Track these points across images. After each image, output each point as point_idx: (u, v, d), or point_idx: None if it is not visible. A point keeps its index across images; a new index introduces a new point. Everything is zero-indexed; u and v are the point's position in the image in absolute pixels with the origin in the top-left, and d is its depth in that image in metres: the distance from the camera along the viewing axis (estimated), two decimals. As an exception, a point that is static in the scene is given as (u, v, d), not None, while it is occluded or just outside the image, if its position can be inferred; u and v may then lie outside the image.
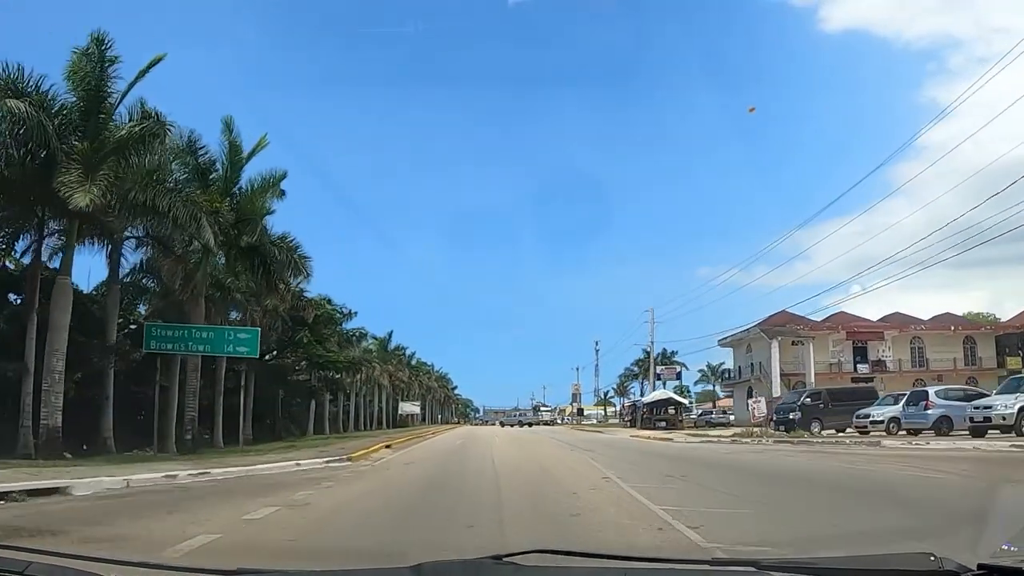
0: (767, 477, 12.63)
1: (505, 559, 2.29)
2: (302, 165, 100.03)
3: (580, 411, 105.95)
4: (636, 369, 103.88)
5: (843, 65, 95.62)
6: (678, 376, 61.94)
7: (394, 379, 66.54)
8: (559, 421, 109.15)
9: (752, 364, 52.97)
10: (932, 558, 2.03)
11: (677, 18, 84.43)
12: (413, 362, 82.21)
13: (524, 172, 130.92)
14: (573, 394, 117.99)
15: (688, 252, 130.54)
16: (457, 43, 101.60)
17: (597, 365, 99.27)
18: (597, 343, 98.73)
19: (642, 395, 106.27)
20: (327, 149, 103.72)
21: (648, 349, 56.82)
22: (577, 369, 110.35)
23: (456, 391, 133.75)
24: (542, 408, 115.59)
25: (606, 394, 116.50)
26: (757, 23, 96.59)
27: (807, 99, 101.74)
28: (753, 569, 2.15)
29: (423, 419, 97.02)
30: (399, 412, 70.27)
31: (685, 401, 49.97)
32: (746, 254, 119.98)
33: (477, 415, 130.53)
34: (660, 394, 48.70)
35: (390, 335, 66.76)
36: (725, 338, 56.16)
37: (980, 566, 2.01)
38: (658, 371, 58.33)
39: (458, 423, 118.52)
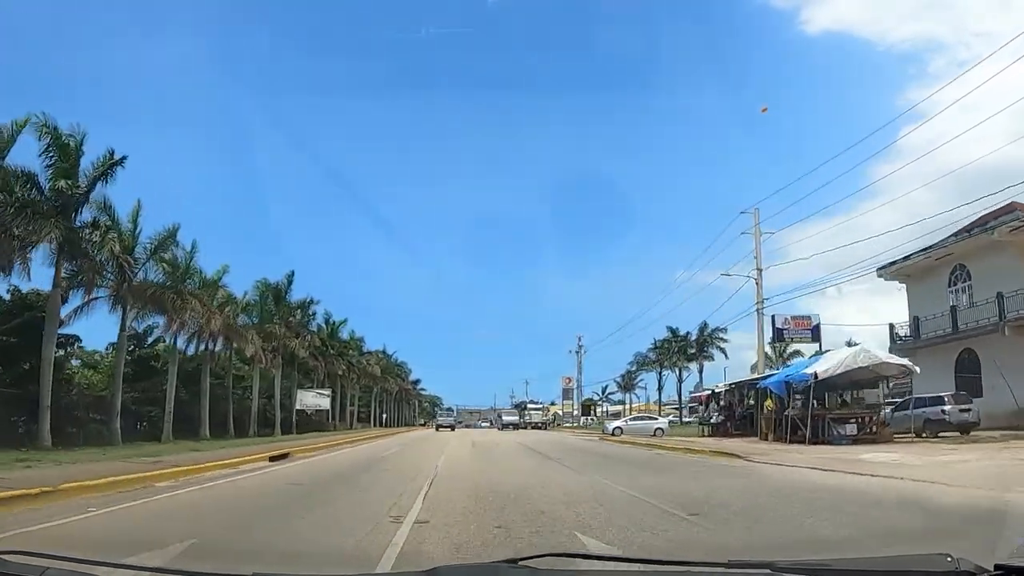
0: None
1: (520, 563, 2.23)
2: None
3: (585, 409, 79.65)
4: (651, 356, 78.91)
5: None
6: (814, 333, 33.17)
7: (290, 351, 39.39)
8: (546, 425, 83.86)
9: (987, 303, 26.09)
10: (949, 559, 1.97)
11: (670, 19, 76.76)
12: (345, 335, 55.01)
13: (516, 171, 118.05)
14: (565, 389, 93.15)
15: (675, 251, 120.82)
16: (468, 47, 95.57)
17: (581, 362, 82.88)
18: (580, 338, 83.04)
19: (660, 387, 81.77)
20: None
21: (756, 280, 29.43)
22: (576, 351, 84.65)
23: (420, 387, 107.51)
24: (530, 407, 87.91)
25: (604, 388, 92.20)
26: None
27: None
28: (768, 571, 2.06)
29: (370, 420, 70.23)
30: (298, 406, 42.70)
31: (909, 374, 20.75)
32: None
33: (449, 414, 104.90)
34: (848, 356, 20.13)
35: (290, 278, 39.51)
36: (895, 262, 29.86)
37: (997, 566, 1.94)
38: (780, 325, 30.44)
39: (424, 424, 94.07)
